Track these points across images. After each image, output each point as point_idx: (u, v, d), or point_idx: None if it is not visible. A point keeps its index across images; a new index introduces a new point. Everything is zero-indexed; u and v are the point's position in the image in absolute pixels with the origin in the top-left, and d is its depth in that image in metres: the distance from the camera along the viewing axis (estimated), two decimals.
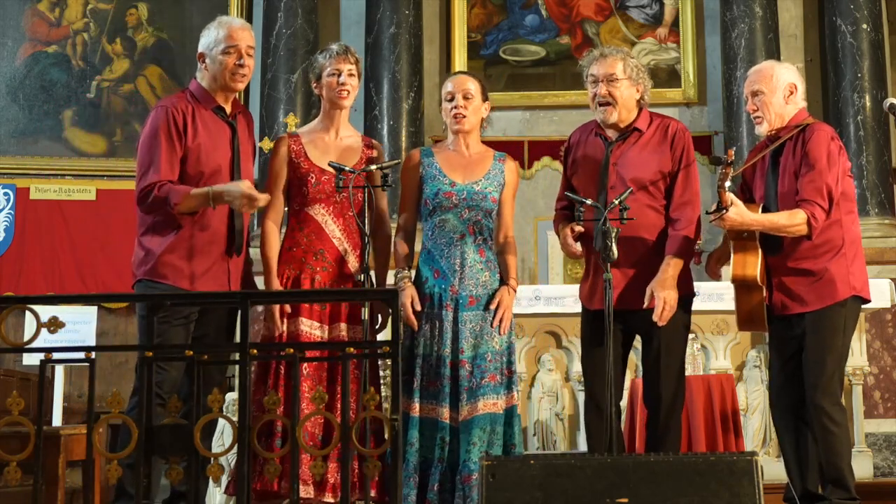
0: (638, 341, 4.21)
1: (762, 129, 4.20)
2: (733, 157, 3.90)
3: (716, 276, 4.29)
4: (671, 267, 3.98)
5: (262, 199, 3.91)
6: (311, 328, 4.01)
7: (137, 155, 3.95)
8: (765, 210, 4.10)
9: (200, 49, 4.04)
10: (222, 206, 3.91)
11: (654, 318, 3.93)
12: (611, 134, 4.14)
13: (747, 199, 4.21)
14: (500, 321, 4.04)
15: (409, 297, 4.03)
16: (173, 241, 3.87)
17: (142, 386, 2.68)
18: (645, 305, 3.96)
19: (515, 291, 4.13)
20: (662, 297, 3.92)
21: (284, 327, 4.02)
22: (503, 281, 4.12)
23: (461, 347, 4.00)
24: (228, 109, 4.05)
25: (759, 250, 4.07)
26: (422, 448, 3.95)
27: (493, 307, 4.04)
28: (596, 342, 4.03)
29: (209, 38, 4.02)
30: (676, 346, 4.09)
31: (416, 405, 3.97)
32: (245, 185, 3.84)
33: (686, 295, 4.07)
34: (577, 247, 4.06)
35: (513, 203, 4.24)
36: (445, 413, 3.96)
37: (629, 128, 4.13)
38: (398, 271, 4.12)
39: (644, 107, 4.19)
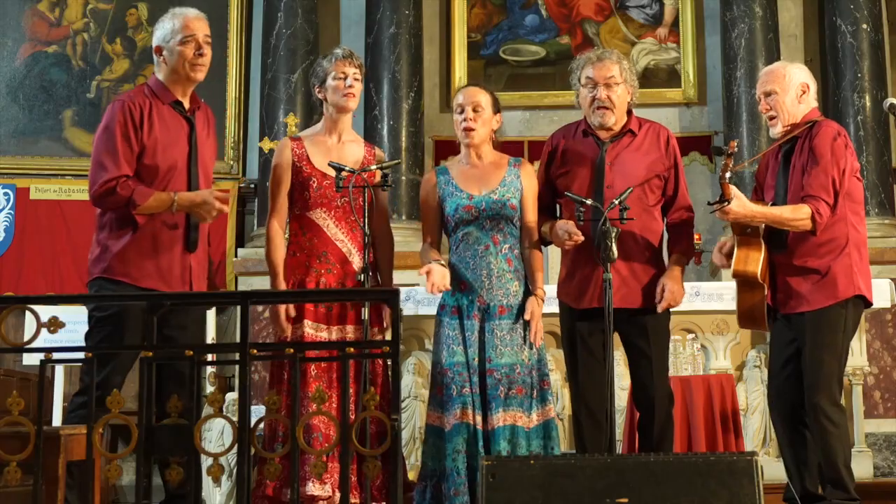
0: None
1: (776, 131, 4.19)
2: (735, 149, 3.90)
3: (720, 263, 4.26)
4: (680, 265, 4.09)
5: (225, 208, 3.89)
6: (316, 330, 4.01)
7: (93, 149, 3.91)
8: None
9: (156, 42, 4.01)
10: None
11: (659, 308, 4.01)
12: (603, 135, 4.14)
13: (759, 199, 4.22)
14: (535, 333, 4.01)
15: (438, 270, 3.95)
16: (131, 239, 3.83)
17: (142, 386, 2.68)
18: (657, 300, 4.01)
19: (544, 301, 4.08)
20: (672, 291, 4.00)
21: (289, 331, 4.02)
22: (530, 290, 4.08)
23: (490, 356, 3.97)
24: (187, 104, 4.01)
25: (763, 247, 4.07)
26: (467, 455, 3.92)
27: (526, 318, 4.01)
28: (584, 344, 4.04)
29: (165, 30, 3.98)
30: (664, 346, 4.15)
31: (459, 412, 3.93)
32: (212, 199, 3.81)
33: None
34: (580, 236, 3.97)
35: (535, 207, 4.16)
36: (479, 420, 3.94)
37: (623, 129, 4.15)
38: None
39: (631, 109, 4.21)
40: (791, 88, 4.17)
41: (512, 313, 4.02)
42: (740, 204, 3.96)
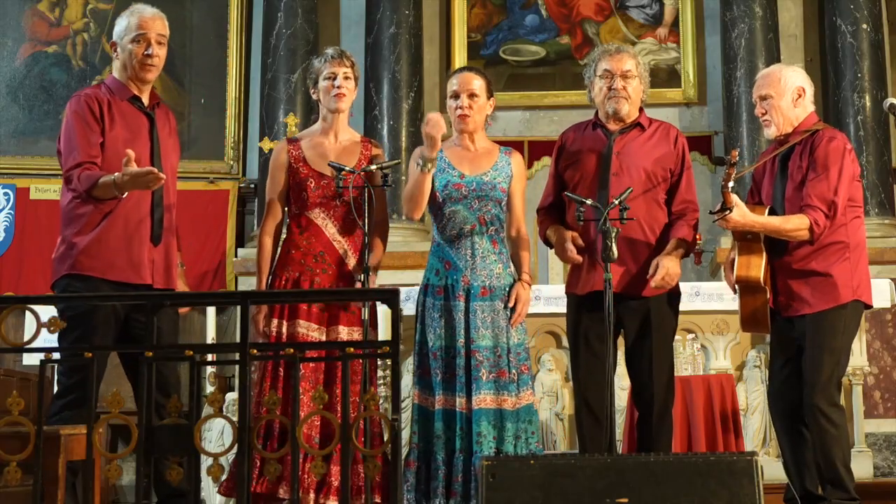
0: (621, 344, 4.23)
1: (770, 133, 4.22)
2: (737, 158, 3.91)
3: (732, 286, 4.25)
4: (678, 247, 4.06)
5: (148, 173, 3.72)
6: (308, 330, 4.01)
7: (60, 148, 3.90)
8: (771, 213, 4.11)
9: (113, 38, 4.02)
10: (144, 196, 3.86)
11: (653, 282, 3.98)
12: (612, 127, 4.18)
13: (757, 201, 4.22)
14: (518, 315, 4.05)
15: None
16: (96, 234, 3.82)
17: (142, 385, 2.68)
18: (650, 276, 4.00)
19: (530, 286, 4.13)
20: (666, 266, 3.98)
21: (284, 329, 4.02)
22: (517, 276, 4.13)
23: (473, 337, 4.01)
24: (146, 101, 4.01)
25: (764, 252, 4.08)
26: (447, 440, 3.97)
27: (510, 304, 4.05)
28: (587, 341, 4.05)
29: (120, 26, 3.99)
30: (667, 344, 4.13)
31: (441, 398, 3.98)
32: (130, 168, 3.68)
33: (674, 294, 4.13)
34: (577, 256, 4.06)
35: (522, 197, 4.23)
36: (462, 403, 3.97)
37: (633, 123, 4.19)
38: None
39: (643, 107, 4.24)
40: (787, 92, 4.17)
41: (493, 295, 4.05)
42: (741, 213, 3.97)
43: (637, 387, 4.13)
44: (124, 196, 3.79)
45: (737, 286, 4.13)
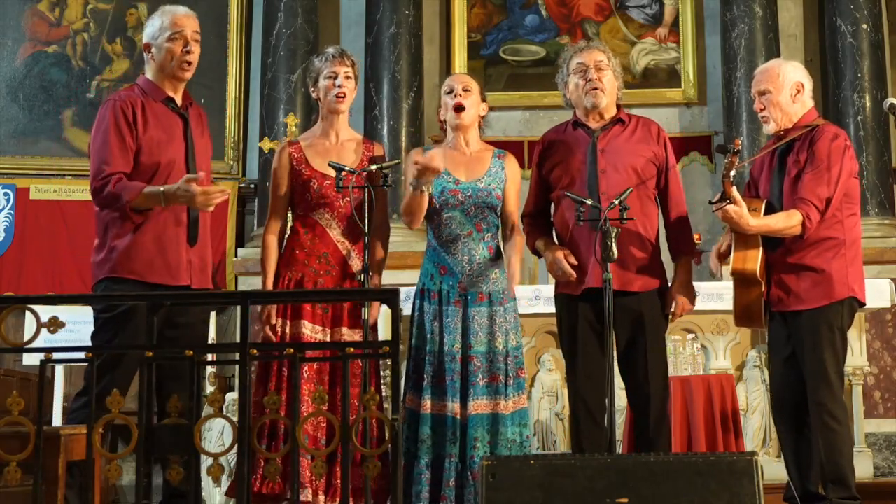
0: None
1: (769, 129, 4.21)
2: (740, 147, 3.90)
3: (718, 266, 4.25)
4: (687, 269, 4.13)
5: (217, 192, 3.81)
6: (312, 331, 4.01)
7: (90, 151, 3.90)
8: (769, 207, 4.10)
9: (145, 40, 3.99)
10: None
11: (673, 319, 4.10)
12: (593, 125, 4.16)
13: (753, 195, 4.23)
14: (511, 276, 4.04)
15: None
16: (134, 236, 3.81)
17: (142, 386, 2.68)
18: (668, 312, 4.07)
19: (521, 258, 4.14)
20: (681, 303, 4.08)
21: (287, 329, 4.01)
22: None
23: (470, 343, 4.01)
24: (179, 101, 4.01)
25: (761, 245, 4.08)
26: (434, 445, 3.96)
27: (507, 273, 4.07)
28: (584, 341, 4.03)
29: (154, 27, 3.97)
30: (660, 343, 4.12)
31: (428, 402, 3.98)
32: (195, 186, 3.74)
33: (664, 290, 4.14)
34: (573, 273, 4.04)
35: (517, 197, 4.22)
36: (455, 408, 3.96)
37: (613, 119, 4.17)
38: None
39: (620, 105, 4.25)
40: (785, 87, 4.17)
41: (490, 301, 4.05)
42: (737, 212, 3.96)
43: (633, 386, 4.10)
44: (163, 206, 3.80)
45: (732, 279, 4.13)
